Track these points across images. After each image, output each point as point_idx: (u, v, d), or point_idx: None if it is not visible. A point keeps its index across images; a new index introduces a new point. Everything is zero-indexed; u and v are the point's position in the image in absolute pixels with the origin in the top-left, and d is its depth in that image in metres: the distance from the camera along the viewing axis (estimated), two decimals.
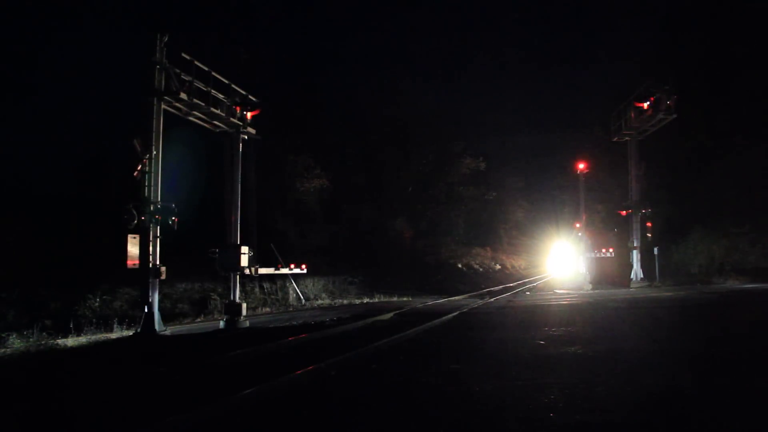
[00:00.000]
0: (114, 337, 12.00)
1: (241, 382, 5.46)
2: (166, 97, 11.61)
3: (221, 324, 13.05)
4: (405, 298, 21.48)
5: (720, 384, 5.27)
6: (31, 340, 11.48)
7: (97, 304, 15.64)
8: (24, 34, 21.73)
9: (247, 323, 13.10)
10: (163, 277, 11.50)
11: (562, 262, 34.45)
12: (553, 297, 18.53)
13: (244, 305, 13.54)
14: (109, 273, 15.56)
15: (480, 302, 17.50)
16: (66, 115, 20.88)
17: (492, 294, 22.62)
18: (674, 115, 21.69)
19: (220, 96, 13.20)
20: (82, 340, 11.53)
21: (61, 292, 15.53)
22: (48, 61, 21.93)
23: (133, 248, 11.16)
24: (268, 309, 18.24)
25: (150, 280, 11.23)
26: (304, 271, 15.62)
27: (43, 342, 10.96)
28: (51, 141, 20.33)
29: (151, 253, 11.23)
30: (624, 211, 24.23)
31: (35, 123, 20.65)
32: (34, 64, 21.66)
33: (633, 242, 23.66)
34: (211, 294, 18.22)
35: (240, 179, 13.74)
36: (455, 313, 12.90)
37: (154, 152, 11.30)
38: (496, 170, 40.41)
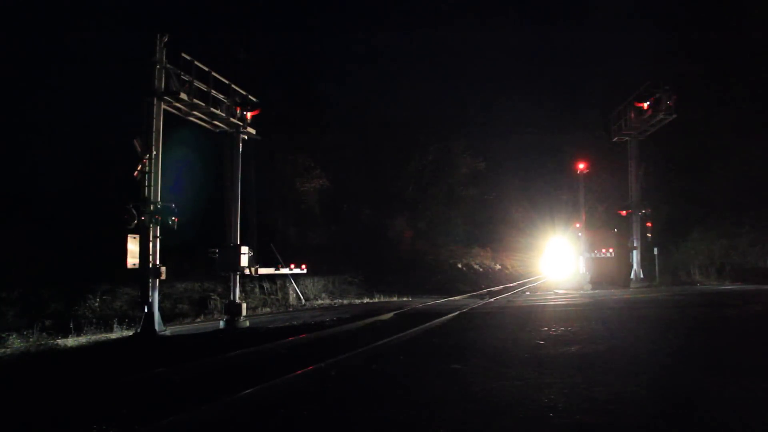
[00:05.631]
0: (114, 337, 12.01)
1: (241, 382, 5.47)
2: (166, 97, 11.61)
3: (221, 324, 13.05)
4: (405, 298, 21.46)
5: (720, 383, 5.27)
6: (31, 340, 11.49)
7: (97, 304, 15.67)
8: (24, 34, 21.74)
9: (247, 323, 13.11)
10: (163, 277, 11.50)
11: (562, 262, 34.44)
12: (553, 297, 18.52)
13: (244, 305, 13.54)
14: (109, 273, 15.57)
15: (480, 302, 17.49)
16: (66, 114, 20.89)
17: (492, 294, 22.61)
18: (674, 115, 21.71)
19: (220, 96, 13.21)
20: (82, 340, 11.53)
21: (61, 292, 15.55)
22: (48, 61, 21.96)
23: (133, 248, 11.16)
24: (268, 309, 18.24)
25: (150, 280, 11.23)
26: (304, 271, 15.61)
27: (43, 342, 10.97)
28: (51, 141, 20.34)
29: (151, 253, 11.23)
30: (624, 211, 24.22)
31: (35, 123, 20.66)
32: (34, 63, 21.68)
33: (633, 242, 23.64)
34: (211, 294, 18.24)
35: (240, 179, 13.73)
36: (455, 313, 12.90)
37: (154, 152, 11.30)
38: (496, 170, 40.36)
